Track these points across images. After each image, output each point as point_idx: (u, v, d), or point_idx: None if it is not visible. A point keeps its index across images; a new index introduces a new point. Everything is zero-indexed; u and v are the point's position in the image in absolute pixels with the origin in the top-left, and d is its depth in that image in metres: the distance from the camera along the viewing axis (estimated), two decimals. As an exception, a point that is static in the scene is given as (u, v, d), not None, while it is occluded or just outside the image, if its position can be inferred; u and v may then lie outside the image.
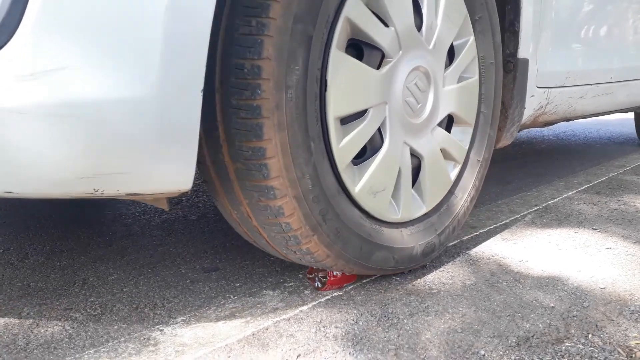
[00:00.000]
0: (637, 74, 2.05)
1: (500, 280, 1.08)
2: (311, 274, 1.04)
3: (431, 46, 1.03)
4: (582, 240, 1.33)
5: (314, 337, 0.85)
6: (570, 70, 1.61)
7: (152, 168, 0.71)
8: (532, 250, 1.26)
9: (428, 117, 1.06)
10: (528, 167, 2.54)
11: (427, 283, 1.07)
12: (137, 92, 0.65)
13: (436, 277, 1.09)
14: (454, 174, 1.18)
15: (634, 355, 0.82)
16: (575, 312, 0.95)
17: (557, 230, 1.41)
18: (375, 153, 0.97)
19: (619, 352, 0.83)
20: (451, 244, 1.30)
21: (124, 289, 1.08)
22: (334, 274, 1.01)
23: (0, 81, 0.61)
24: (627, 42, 1.95)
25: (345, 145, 0.90)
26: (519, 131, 1.78)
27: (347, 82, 0.88)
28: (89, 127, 0.65)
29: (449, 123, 1.18)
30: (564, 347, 0.84)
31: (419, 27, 1.00)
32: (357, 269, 0.98)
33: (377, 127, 0.96)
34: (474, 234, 1.38)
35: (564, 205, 1.67)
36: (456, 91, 1.13)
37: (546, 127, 3.89)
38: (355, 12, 0.86)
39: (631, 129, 4.02)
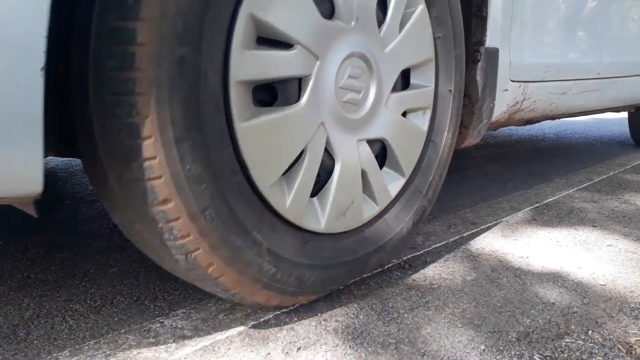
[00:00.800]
0: (628, 70, 1.92)
1: (500, 276, 1.08)
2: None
3: (353, 23, 0.87)
4: (583, 238, 1.33)
5: (314, 330, 0.86)
6: (551, 64, 1.47)
7: None
8: (532, 246, 1.26)
9: (376, 98, 0.95)
10: (529, 164, 2.53)
11: (428, 278, 1.07)
12: None
13: (436, 273, 1.09)
14: (425, 123, 1.08)
15: (634, 352, 0.82)
16: (575, 309, 0.95)
17: (558, 227, 1.41)
18: (330, 176, 0.91)
19: (619, 349, 0.83)
20: (452, 239, 1.30)
21: (125, 281, 1.08)
22: None
23: None
24: (618, 35, 1.80)
25: (292, 204, 0.83)
26: (494, 130, 1.73)
27: (265, 146, 0.76)
28: None
29: (405, 77, 1.06)
30: (564, 343, 0.84)
31: (329, 14, 0.84)
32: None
33: (319, 161, 0.86)
34: (475, 230, 1.38)
35: (565, 202, 1.67)
36: (400, 43, 0.98)
37: (528, 126, 3.88)
38: (244, 67, 0.72)
39: (632, 128, 4.02)
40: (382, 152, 1.05)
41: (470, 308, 0.94)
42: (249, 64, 0.72)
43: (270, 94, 0.81)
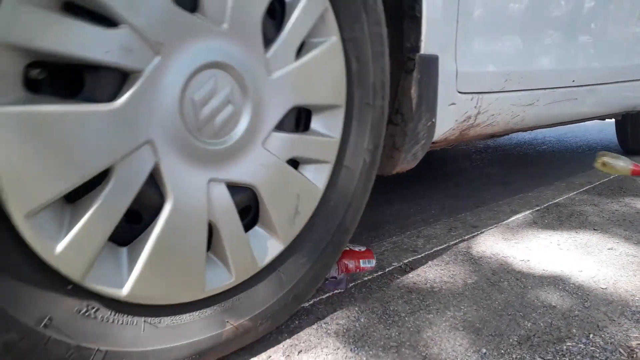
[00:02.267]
0: (609, 76, 1.69)
1: (501, 279, 1.08)
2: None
3: (224, 26, 0.67)
4: (584, 241, 1.33)
5: (315, 333, 0.85)
6: (513, 71, 1.25)
7: None
8: (533, 249, 1.26)
9: (248, 130, 0.73)
10: (529, 168, 2.54)
11: (429, 281, 1.07)
12: None
13: (437, 276, 1.09)
14: (323, 180, 0.86)
15: (635, 356, 0.82)
16: (576, 312, 0.95)
17: (559, 231, 1.41)
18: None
19: (620, 352, 0.83)
20: (453, 242, 1.30)
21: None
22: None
23: None
24: (597, 37, 1.57)
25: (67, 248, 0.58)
26: (441, 148, 1.44)
27: (31, 152, 0.54)
28: None
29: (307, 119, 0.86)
30: (565, 347, 0.84)
31: (192, 5, 0.65)
32: None
33: (131, 192, 0.62)
34: (476, 233, 1.38)
35: (565, 205, 1.67)
36: (296, 73, 0.77)
37: (500, 138, 3.76)
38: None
39: (632, 131, 4.02)
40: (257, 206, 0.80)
41: (471, 311, 0.94)
42: (31, 27, 0.52)
43: (71, 83, 0.59)
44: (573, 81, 1.49)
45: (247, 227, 0.78)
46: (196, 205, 0.69)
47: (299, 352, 0.80)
